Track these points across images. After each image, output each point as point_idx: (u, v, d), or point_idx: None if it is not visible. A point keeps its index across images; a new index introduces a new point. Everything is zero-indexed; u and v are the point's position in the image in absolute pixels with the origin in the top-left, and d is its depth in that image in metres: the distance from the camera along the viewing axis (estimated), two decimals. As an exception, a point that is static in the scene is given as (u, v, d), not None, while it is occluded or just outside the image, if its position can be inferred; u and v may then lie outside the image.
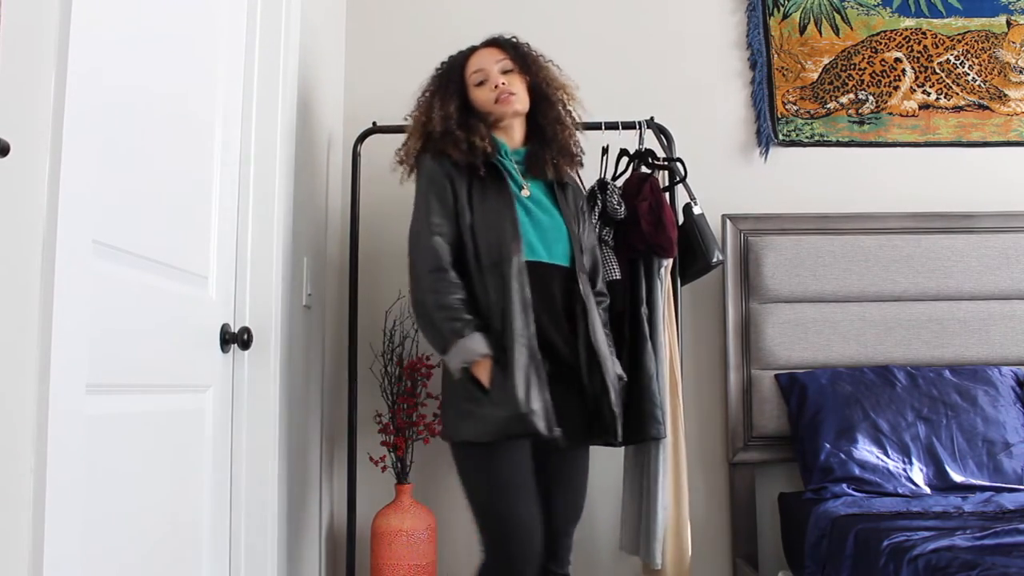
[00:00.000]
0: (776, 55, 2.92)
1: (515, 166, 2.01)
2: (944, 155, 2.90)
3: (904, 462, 2.40)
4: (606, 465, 2.66)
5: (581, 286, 1.96)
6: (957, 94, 2.91)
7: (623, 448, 2.44)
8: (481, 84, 2.00)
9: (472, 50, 2.06)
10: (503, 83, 1.98)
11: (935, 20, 2.93)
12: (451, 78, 2.03)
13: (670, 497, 2.33)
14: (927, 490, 2.35)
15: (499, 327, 1.83)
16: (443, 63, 2.08)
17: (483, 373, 1.81)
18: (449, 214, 1.92)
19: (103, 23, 1.28)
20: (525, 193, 1.98)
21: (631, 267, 2.34)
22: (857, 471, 2.37)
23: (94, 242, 1.25)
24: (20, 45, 1.06)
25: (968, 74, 2.92)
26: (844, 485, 2.35)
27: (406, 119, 2.11)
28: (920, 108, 2.91)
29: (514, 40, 2.07)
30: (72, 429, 1.16)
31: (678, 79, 2.90)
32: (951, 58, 2.92)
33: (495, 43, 2.05)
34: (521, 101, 2.00)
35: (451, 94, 2.00)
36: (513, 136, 2.05)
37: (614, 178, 2.47)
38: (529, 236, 1.93)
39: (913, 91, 2.91)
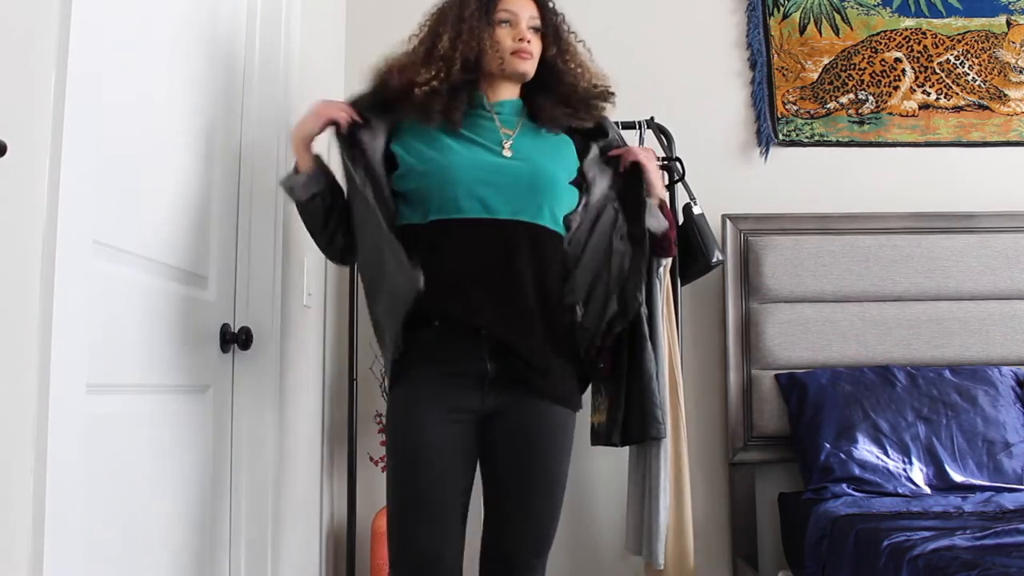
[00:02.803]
0: (776, 55, 2.92)
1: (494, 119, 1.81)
2: (944, 155, 2.90)
3: (904, 462, 2.40)
4: (608, 465, 2.67)
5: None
6: (957, 94, 2.91)
7: (627, 449, 2.43)
8: (504, 24, 1.79)
9: None
10: (529, 40, 1.79)
11: (935, 20, 2.93)
12: (481, 6, 1.78)
13: (671, 497, 2.33)
14: (927, 490, 2.35)
15: None
16: None
17: None
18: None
19: (103, 24, 1.28)
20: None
21: (631, 267, 2.34)
22: (857, 471, 2.37)
23: (94, 242, 1.25)
24: (20, 45, 1.06)
25: (968, 74, 2.92)
26: (844, 485, 2.34)
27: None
28: (920, 108, 2.91)
29: (553, 4, 1.88)
30: (72, 429, 1.16)
31: (678, 79, 2.90)
32: (951, 58, 2.92)
33: None
34: (533, 67, 1.82)
35: (480, 24, 1.76)
36: (500, 89, 1.84)
37: (614, 178, 2.47)
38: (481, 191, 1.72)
39: (913, 91, 2.91)
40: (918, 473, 2.38)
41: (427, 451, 1.67)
